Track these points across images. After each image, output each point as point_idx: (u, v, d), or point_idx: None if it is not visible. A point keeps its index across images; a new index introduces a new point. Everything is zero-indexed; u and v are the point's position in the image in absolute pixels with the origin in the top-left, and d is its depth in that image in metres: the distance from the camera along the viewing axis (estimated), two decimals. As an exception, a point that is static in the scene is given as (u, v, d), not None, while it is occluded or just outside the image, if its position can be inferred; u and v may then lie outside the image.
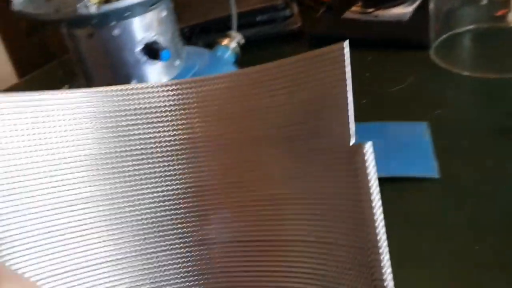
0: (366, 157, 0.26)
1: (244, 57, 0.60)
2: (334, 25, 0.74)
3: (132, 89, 0.33)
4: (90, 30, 0.44)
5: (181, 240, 0.32)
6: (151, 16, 0.45)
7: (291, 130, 0.30)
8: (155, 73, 0.47)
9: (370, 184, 0.26)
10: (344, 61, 0.29)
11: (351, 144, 0.27)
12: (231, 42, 0.57)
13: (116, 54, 0.45)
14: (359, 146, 0.26)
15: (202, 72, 0.50)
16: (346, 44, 0.29)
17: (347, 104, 0.28)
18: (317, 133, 0.29)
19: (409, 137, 0.49)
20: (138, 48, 0.45)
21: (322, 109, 0.29)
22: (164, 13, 0.46)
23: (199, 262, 0.31)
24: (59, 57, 0.70)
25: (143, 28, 0.45)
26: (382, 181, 0.27)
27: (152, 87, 0.34)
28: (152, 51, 0.45)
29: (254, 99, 0.32)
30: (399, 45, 0.65)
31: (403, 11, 0.71)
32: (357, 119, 0.29)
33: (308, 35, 0.74)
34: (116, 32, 0.44)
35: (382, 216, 0.26)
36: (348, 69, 0.29)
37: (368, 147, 0.26)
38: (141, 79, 0.46)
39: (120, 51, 0.45)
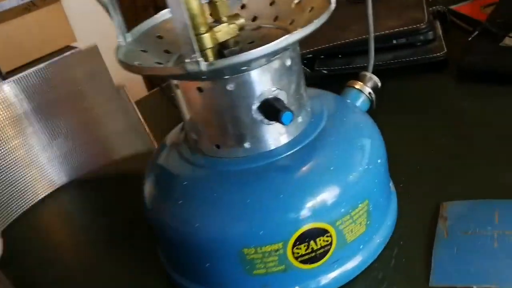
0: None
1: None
2: (490, 55, 0.60)
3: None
4: (199, 83, 0.37)
5: None
6: (273, 68, 0.36)
7: None
8: (273, 134, 0.38)
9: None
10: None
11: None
12: (365, 86, 0.46)
13: (229, 111, 0.37)
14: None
15: (329, 128, 0.41)
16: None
17: None
18: None
19: None
20: (255, 105, 0.37)
21: None
22: (288, 63, 0.37)
23: None
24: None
25: (263, 82, 0.36)
26: None
27: None
28: (271, 110, 0.36)
29: None
30: None
31: None
32: None
33: (456, 66, 0.61)
34: (230, 86, 0.36)
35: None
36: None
37: None
38: (256, 140, 0.38)
39: (234, 109, 0.37)
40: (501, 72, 0.57)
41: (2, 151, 0.57)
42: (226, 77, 0.36)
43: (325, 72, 0.67)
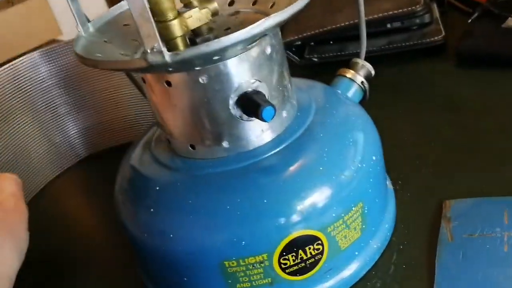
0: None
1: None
2: (491, 38, 0.56)
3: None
4: (167, 76, 0.32)
5: None
6: (251, 57, 0.32)
7: None
8: (255, 131, 0.34)
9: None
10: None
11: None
12: (357, 75, 0.42)
13: (203, 107, 0.33)
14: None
15: (317, 123, 0.37)
16: None
17: None
18: None
19: None
20: (233, 99, 0.33)
21: None
22: (268, 51, 0.33)
23: None
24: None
25: (240, 73, 0.32)
26: None
27: None
28: (250, 104, 0.32)
29: None
30: None
31: None
32: None
33: (455, 50, 0.57)
34: (202, 79, 0.32)
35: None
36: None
37: None
38: (236, 139, 0.34)
39: (208, 104, 0.33)
40: (503, 56, 0.53)
41: (35, 122, 0.57)
42: (198, 68, 0.31)
43: (316, 60, 0.63)
